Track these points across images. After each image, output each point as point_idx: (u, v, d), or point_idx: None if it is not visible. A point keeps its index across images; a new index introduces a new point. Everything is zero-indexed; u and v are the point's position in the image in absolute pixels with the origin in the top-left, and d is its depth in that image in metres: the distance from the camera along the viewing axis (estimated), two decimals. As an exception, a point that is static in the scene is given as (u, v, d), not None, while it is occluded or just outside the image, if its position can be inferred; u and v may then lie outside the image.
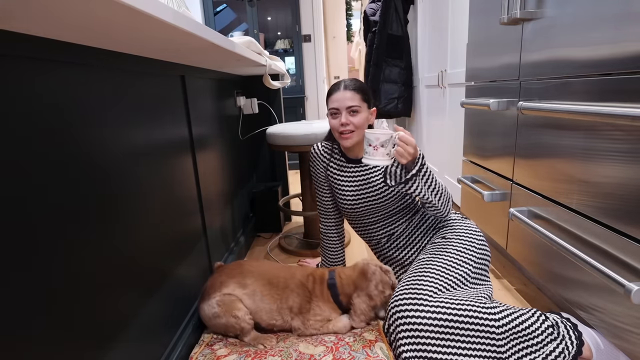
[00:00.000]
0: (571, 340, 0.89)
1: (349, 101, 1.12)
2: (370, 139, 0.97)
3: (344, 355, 0.91)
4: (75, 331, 0.60)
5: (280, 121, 2.12)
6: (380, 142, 0.96)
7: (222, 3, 3.64)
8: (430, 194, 1.07)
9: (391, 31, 2.84)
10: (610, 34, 0.79)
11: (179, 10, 0.74)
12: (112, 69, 0.74)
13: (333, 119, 1.16)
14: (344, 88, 1.13)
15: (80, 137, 0.63)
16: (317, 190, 1.34)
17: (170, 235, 0.98)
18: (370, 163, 0.99)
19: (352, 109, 1.12)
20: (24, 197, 0.51)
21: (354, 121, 1.12)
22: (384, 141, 0.96)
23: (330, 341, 0.97)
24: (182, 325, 1.04)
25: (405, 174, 1.05)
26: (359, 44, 5.74)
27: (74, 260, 0.60)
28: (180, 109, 1.09)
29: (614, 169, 0.79)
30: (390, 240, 1.24)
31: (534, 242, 1.12)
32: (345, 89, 1.13)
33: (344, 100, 1.12)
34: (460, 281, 1.03)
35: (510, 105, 1.22)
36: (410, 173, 1.03)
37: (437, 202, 1.09)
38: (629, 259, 0.76)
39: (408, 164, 1.04)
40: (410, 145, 0.98)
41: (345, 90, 1.12)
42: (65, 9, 0.41)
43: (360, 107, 1.13)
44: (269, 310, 1.08)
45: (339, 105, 1.13)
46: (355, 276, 1.12)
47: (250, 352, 0.97)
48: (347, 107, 1.12)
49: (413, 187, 1.04)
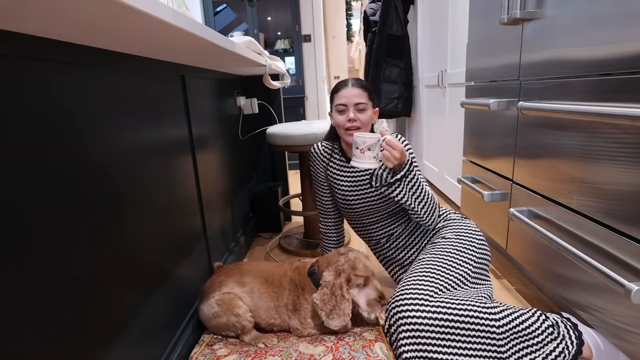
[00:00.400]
0: (571, 340, 0.89)
1: (357, 98, 1.13)
2: (358, 142, 0.98)
3: (344, 355, 0.91)
4: (75, 331, 0.60)
5: (280, 121, 2.12)
6: (367, 145, 0.97)
7: (222, 3, 3.64)
8: (414, 201, 1.08)
9: (391, 31, 2.84)
10: (610, 34, 0.79)
11: (179, 10, 0.74)
12: (112, 69, 0.74)
13: (340, 114, 1.16)
14: (352, 85, 1.14)
15: (80, 137, 0.63)
16: (317, 190, 1.34)
17: (170, 235, 0.98)
18: (358, 166, 1.00)
19: (359, 106, 1.13)
20: (23, 197, 0.51)
21: (361, 118, 1.14)
22: (371, 144, 0.98)
23: (330, 341, 0.97)
24: (182, 325, 1.04)
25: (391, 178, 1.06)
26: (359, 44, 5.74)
27: (73, 261, 0.60)
28: (180, 109, 1.09)
29: (614, 169, 0.79)
30: (389, 241, 1.24)
31: (534, 242, 1.12)
32: (353, 86, 1.14)
33: (352, 96, 1.13)
34: (460, 281, 1.03)
35: (510, 105, 1.22)
36: (394, 177, 1.04)
37: (419, 210, 1.10)
38: (629, 259, 0.76)
39: (395, 168, 1.05)
40: (397, 150, 0.99)
41: (354, 87, 1.14)
42: (65, 9, 0.41)
43: (367, 104, 1.14)
44: (267, 309, 1.08)
45: (347, 101, 1.14)
46: (330, 256, 1.10)
47: (250, 352, 0.97)
48: (355, 103, 1.13)
49: (396, 191, 1.06)
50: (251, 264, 1.16)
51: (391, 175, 1.05)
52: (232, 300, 1.05)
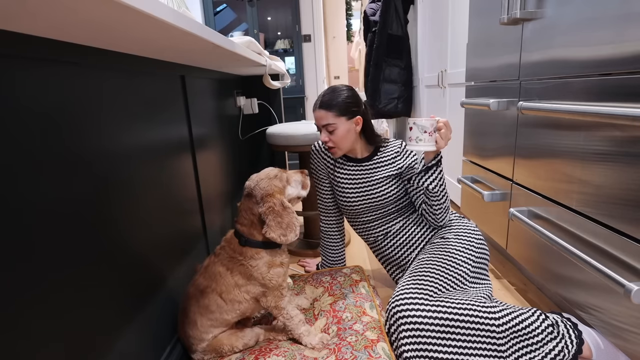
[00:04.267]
0: (571, 340, 0.89)
1: (323, 120, 1.12)
2: (425, 125, 1.00)
3: (347, 355, 0.91)
4: (74, 332, 0.60)
5: (280, 121, 2.12)
6: (434, 127, 1.00)
7: (222, 3, 3.64)
8: (440, 191, 1.10)
9: (391, 31, 2.84)
10: (610, 34, 0.79)
11: (179, 10, 0.74)
12: (112, 69, 0.74)
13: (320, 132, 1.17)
14: (318, 106, 1.13)
15: (80, 137, 0.63)
16: (317, 188, 1.34)
17: (170, 235, 0.98)
18: (421, 149, 1.02)
19: (328, 127, 1.13)
20: (22, 197, 0.51)
21: (333, 139, 1.13)
22: (436, 127, 1.01)
23: (333, 343, 0.98)
24: (182, 325, 1.03)
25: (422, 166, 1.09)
26: (359, 44, 5.74)
27: (72, 261, 0.60)
28: (180, 109, 1.09)
29: (614, 168, 0.79)
30: (387, 238, 1.25)
31: (534, 242, 1.12)
32: (320, 107, 1.12)
33: (319, 119, 1.14)
34: (459, 281, 1.03)
35: (510, 105, 1.22)
36: (436, 159, 1.07)
37: (441, 200, 1.12)
38: (629, 259, 0.76)
39: (428, 158, 1.08)
40: (450, 131, 1.03)
41: (320, 110, 1.12)
42: (64, 9, 0.41)
43: (335, 123, 1.11)
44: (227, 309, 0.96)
45: (317, 123, 1.15)
46: (241, 205, 0.99)
47: (255, 350, 0.97)
48: (322, 125, 1.13)
49: (431, 178, 1.08)
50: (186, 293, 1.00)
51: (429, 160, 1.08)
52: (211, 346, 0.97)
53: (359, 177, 1.22)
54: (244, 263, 0.95)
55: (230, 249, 0.97)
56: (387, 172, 1.19)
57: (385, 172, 1.19)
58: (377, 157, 1.21)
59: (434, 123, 1.00)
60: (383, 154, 1.21)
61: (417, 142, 1.02)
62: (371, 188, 1.20)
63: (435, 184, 1.09)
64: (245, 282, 0.96)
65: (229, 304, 0.96)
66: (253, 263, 0.95)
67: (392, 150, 1.21)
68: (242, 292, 0.96)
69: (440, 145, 1.02)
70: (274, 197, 0.95)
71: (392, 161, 1.20)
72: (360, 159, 1.22)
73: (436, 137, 1.01)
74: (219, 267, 0.97)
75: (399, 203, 1.22)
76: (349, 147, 1.17)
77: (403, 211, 1.23)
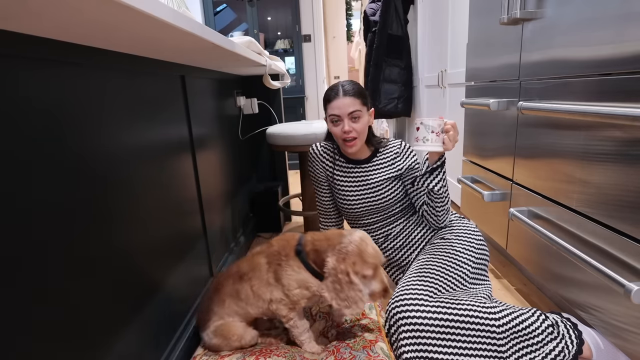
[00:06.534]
0: (571, 340, 0.89)
1: (350, 107, 1.09)
2: (434, 125, 1.00)
3: (345, 355, 0.91)
4: (74, 332, 0.60)
5: (280, 121, 2.12)
6: (441, 128, 1.00)
7: (222, 3, 3.64)
8: (444, 192, 1.10)
9: (391, 31, 2.84)
10: (610, 34, 0.79)
11: (179, 10, 0.74)
12: (112, 69, 0.74)
13: (335, 126, 1.13)
14: (343, 94, 1.09)
15: (79, 137, 0.63)
16: (316, 190, 1.34)
17: (170, 236, 0.98)
18: (428, 150, 1.02)
19: (354, 114, 1.09)
20: (21, 197, 0.51)
21: (357, 127, 1.10)
22: (443, 128, 1.01)
23: (332, 344, 0.97)
24: (182, 325, 1.03)
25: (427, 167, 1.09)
26: (359, 44, 5.74)
27: (72, 261, 0.60)
28: (180, 109, 1.09)
29: (614, 168, 0.79)
30: (387, 241, 1.24)
31: (534, 242, 1.12)
32: (345, 94, 1.09)
33: (345, 107, 1.09)
34: (459, 281, 1.03)
35: (510, 105, 1.22)
36: (441, 160, 1.07)
37: (443, 202, 1.12)
38: (629, 259, 0.76)
39: (432, 159, 1.08)
40: (457, 133, 1.03)
41: (345, 97, 1.09)
42: (64, 8, 0.41)
43: (361, 111, 1.10)
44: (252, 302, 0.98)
45: (340, 112, 1.10)
46: (331, 235, 0.95)
47: (255, 351, 0.97)
48: (348, 113, 1.09)
49: (436, 179, 1.08)
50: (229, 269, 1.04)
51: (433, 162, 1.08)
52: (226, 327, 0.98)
53: (359, 179, 1.21)
54: (282, 264, 0.95)
55: (281, 246, 0.97)
56: (388, 173, 1.19)
57: (386, 174, 1.19)
58: (377, 158, 1.21)
59: (442, 124, 1.00)
60: (383, 155, 1.21)
61: (424, 142, 1.01)
62: (372, 190, 1.20)
63: (440, 185, 1.08)
64: (274, 283, 0.96)
65: (255, 298, 0.97)
66: (289, 271, 0.94)
67: (392, 151, 1.21)
68: (268, 292, 0.96)
69: (448, 147, 1.01)
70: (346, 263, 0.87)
71: (392, 162, 1.19)
72: (360, 161, 1.22)
73: (443, 138, 1.01)
74: (262, 259, 0.98)
75: (399, 205, 1.22)
76: (364, 140, 1.16)
77: (403, 213, 1.23)
